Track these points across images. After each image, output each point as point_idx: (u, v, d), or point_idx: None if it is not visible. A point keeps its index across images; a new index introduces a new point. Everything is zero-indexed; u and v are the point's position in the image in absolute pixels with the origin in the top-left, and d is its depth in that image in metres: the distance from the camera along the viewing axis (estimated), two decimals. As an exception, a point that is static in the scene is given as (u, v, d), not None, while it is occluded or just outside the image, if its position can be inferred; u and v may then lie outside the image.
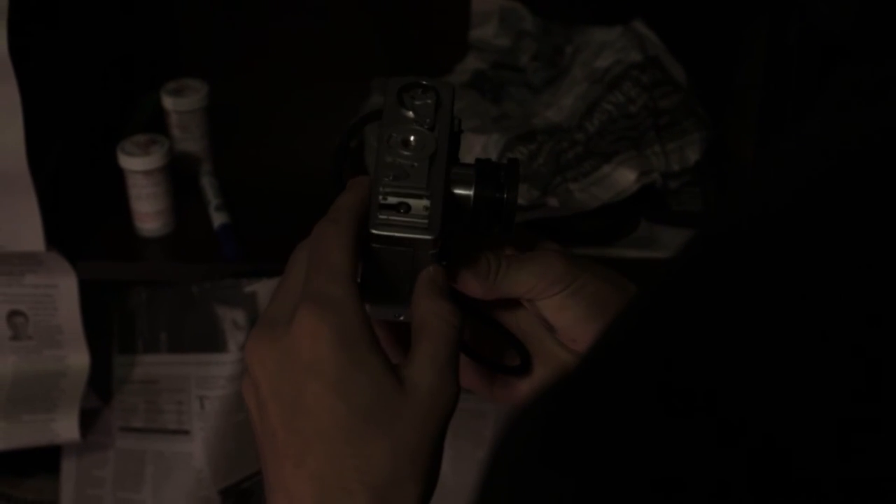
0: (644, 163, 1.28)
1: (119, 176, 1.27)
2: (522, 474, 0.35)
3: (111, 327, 1.40)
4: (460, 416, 1.44)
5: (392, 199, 0.64)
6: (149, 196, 1.27)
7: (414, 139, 0.66)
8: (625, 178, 1.27)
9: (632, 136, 1.30)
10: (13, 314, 1.32)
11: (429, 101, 0.67)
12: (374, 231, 0.64)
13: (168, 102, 1.35)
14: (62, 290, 1.29)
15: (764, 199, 0.37)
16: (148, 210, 1.28)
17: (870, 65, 0.40)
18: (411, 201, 0.64)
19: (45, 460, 1.49)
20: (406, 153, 0.65)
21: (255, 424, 0.62)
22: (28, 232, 1.19)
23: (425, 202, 0.64)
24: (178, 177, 1.31)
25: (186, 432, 1.39)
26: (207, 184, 1.34)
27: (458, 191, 0.67)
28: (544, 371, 0.72)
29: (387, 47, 1.54)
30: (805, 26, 1.16)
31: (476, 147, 1.32)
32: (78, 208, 1.30)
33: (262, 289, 1.30)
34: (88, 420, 1.39)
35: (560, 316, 0.68)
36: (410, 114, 0.67)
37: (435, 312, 0.62)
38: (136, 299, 1.39)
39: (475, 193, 0.66)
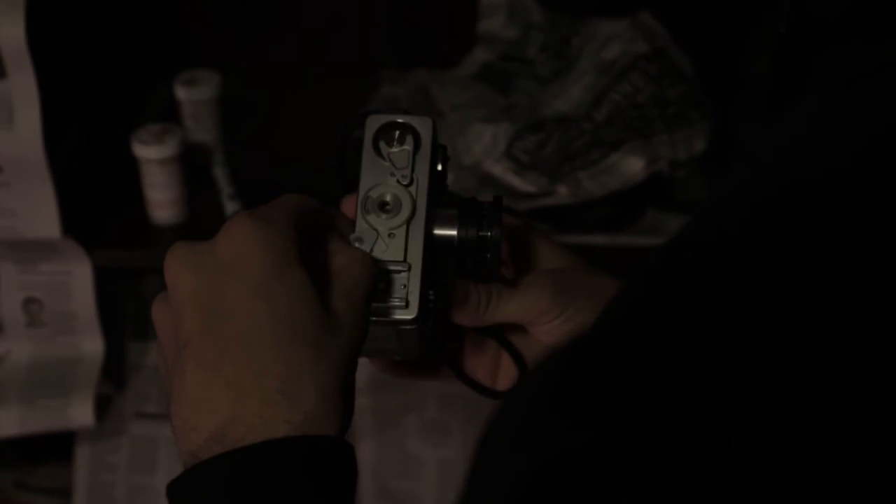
0: (652, 151, 1.30)
1: (133, 165, 1.29)
2: (530, 425, 0.36)
3: (125, 314, 1.42)
4: (470, 401, 1.46)
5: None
6: (163, 184, 1.28)
7: (391, 199, 0.65)
8: (633, 166, 1.29)
9: (639, 125, 1.32)
10: (29, 301, 1.34)
11: (406, 148, 0.65)
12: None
13: (181, 93, 1.36)
14: (77, 278, 1.31)
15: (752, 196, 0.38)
16: (162, 198, 1.29)
17: (859, 46, 0.41)
18: (392, 276, 0.63)
19: (58, 447, 1.51)
20: (384, 218, 0.64)
21: (162, 340, 0.58)
22: (44, 219, 1.21)
23: (403, 278, 0.63)
24: (191, 166, 1.33)
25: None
26: (220, 173, 1.36)
27: (441, 232, 0.66)
28: None
29: (396, 39, 1.55)
30: (800, 14, 1.17)
31: (485, 137, 1.34)
32: (93, 197, 1.32)
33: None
34: (102, 406, 1.40)
35: (554, 341, 0.69)
36: (387, 164, 0.65)
37: (351, 254, 0.61)
38: (149, 287, 1.41)
39: (458, 235, 0.66)
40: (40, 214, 1.21)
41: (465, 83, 1.46)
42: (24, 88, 1.13)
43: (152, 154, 1.27)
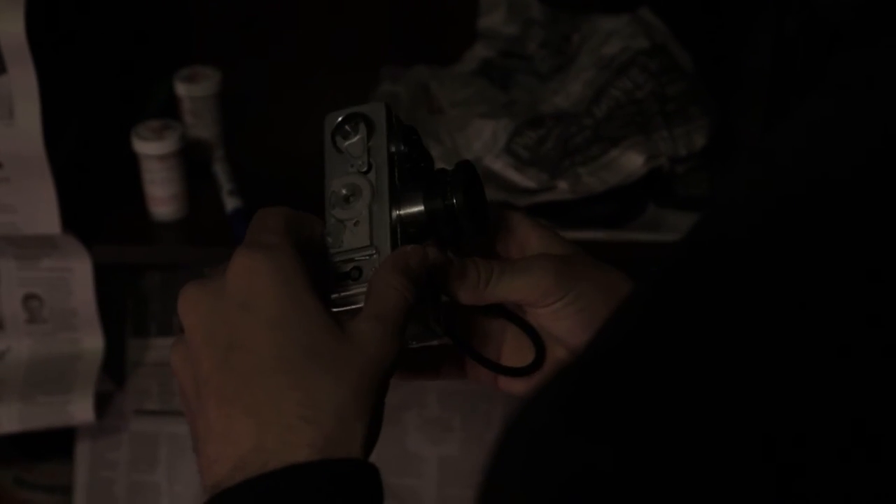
0: (652, 147, 1.30)
1: (133, 161, 1.29)
2: (544, 444, 0.35)
3: (125, 311, 1.42)
4: (470, 397, 1.46)
5: (344, 267, 0.64)
6: (163, 180, 1.28)
7: (351, 189, 0.65)
8: (633, 161, 1.29)
9: (639, 121, 1.32)
10: (29, 297, 1.34)
11: (359, 136, 0.66)
12: (335, 310, 0.61)
13: (181, 89, 1.36)
14: (77, 274, 1.31)
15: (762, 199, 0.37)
16: (162, 194, 1.29)
17: (867, 49, 0.40)
18: (362, 263, 0.63)
19: (58, 445, 1.50)
20: (347, 209, 0.64)
21: (183, 383, 0.58)
22: (44, 214, 1.21)
23: (374, 262, 0.63)
24: (191, 163, 1.33)
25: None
26: (220, 169, 1.36)
27: (408, 210, 0.65)
28: (547, 369, 0.70)
29: (396, 36, 1.55)
30: (808, 13, 1.17)
31: (485, 132, 1.34)
32: (93, 193, 1.32)
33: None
34: (102, 403, 1.40)
35: (555, 325, 0.68)
36: (345, 156, 0.66)
37: (387, 282, 0.61)
38: (149, 283, 1.41)
39: (424, 209, 0.65)
40: (40, 210, 1.21)
41: (465, 79, 1.46)
42: (24, 83, 1.13)
43: (152, 150, 1.27)
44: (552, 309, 0.67)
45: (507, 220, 0.70)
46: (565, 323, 0.67)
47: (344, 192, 0.65)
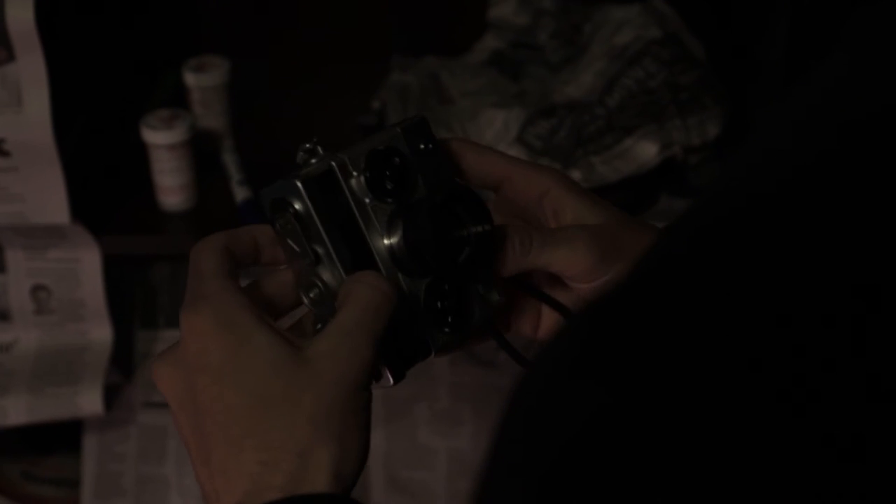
0: (665, 136, 1.29)
1: (142, 151, 1.28)
2: (553, 386, 0.35)
3: (133, 302, 1.41)
4: (480, 389, 1.45)
5: None
6: (172, 170, 1.28)
7: (314, 293, 0.62)
8: (646, 151, 1.28)
9: (652, 110, 1.31)
10: (37, 288, 1.33)
11: (292, 227, 0.61)
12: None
13: (190, 79, 1.35)
14: (85, 265, 1.30)
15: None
16: (171, 184, 1.28)
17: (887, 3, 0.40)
18: None
19: (65, 438, 1.50)
20: (321, 308, 0.62)
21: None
22: (53, 204, 1.20)
23: None
24: (200, 153, 1.32)
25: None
26: (229, 159, 1.35)
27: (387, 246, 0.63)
28: None
29: (406, 27, 1.55)
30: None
31: (497, 122, 1.33)
32: (102, 182, 1.31)
33: (284, 263, 1.31)
34: (110, 396, 1.40)
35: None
36: (291, 243, 0.62)
37: (355, 278, 0.60)
38: (158, 275, 1.40)
39: (390, 250, 0.63)
40: (49, 199, 1.20)
41: (475, 70, 1.45)
42: (33, 71, 1.12)
43: (161, 139, 1.26)
44: (594, 285, 0.64)
45: (542, 181, 0.67)
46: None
47: (311, 295, 0.62)
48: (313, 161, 0.63)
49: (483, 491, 0.36)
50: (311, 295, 0.62)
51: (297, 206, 0.61)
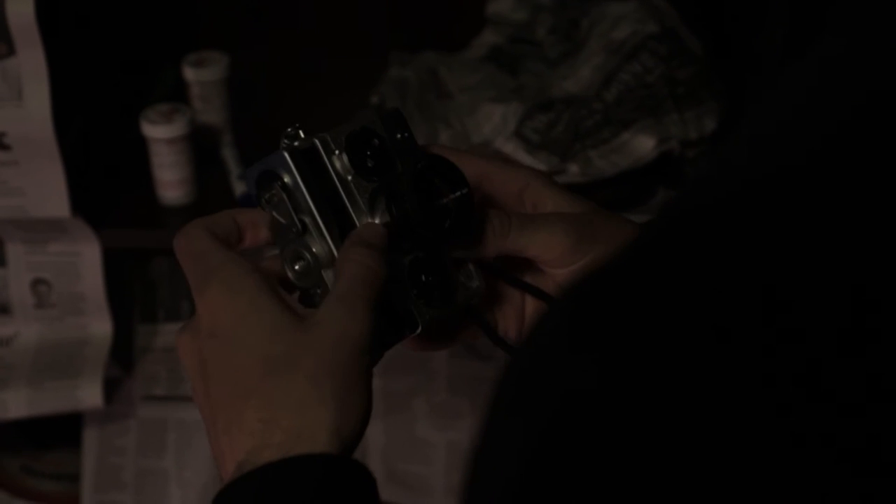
0: (662, 130, 1.29)
1: (142, 146, 1.29)
2: (546, 356, 0.36)
3: (133, 297, 1.41)
4: (479, 383, 1.45)
5: None
6: (171, 164, 1.28)
7: (300, 264, 0.64)
8: (644, 144, 1.28)
9: (649, 105, 1.32)
10: (37, 282, 1.34)
11: (279, 198, 0.63)
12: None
13: (189, 74, 1.36)
14: (85, 259, 1.31)
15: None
16: (170, 178, 1.29)
17: None
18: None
19: (65, 433, 1.50)
20: (307, 279, 0.64)
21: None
22: (53, 197, 1.21)
23: None
24: (200, 147, 1.32)
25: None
26: (229, 154, 1.36)
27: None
28: None
29: (404, 21, 1.55)
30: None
31: (495, 116, 1.33)
32: (102, 177, 1.31)
33: (284, 257, 1.32)
34: (110, 389, 1.40)
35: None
36: (278, 216, 0.64)
37: (347, 255, 0.62)
38: (158, 269, 1.40)
39: (381, 223, 0.65)
40: (49, 193, 1.21)
41: (473, 65, 1.46)
42: (34, 65, 1.13)
43: (161, 133, 1.27)
44: (570, 270, 0.66)
45: (520, 177, 0.69)
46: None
47: (296, 267, 0.64)
48: (296, 143, 0.65)
49: (474, 466, 0.36)
50: (297, 267, 0.64)
51: (285, 177, 0.63)
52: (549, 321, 0.38)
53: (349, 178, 0.65)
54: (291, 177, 0.63)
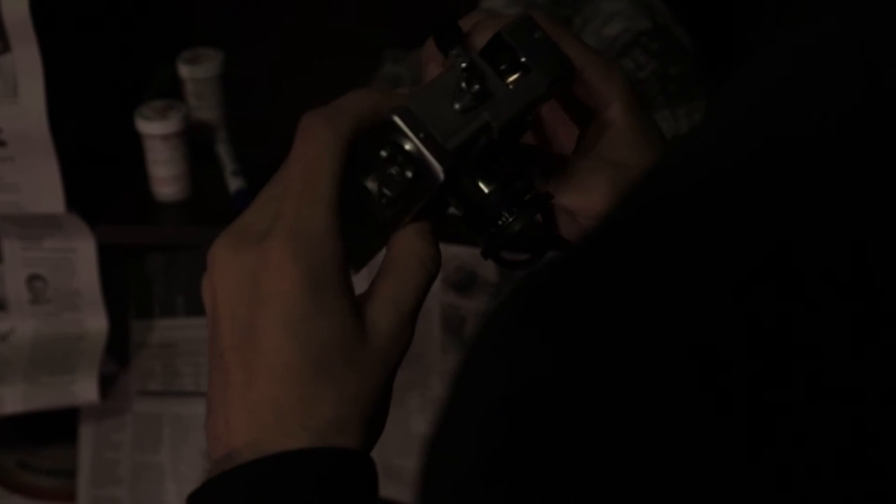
0: (654, 126, 1.30)
1: (137, 142, 1.29)
2: (506, 337, 0.36)
3: (128, 292, 1.42)
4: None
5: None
6: (166, 161, 1.29)
7: (392, 188, 0.57)
8: (635, 140, 1.29)
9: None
10: (33, 278, 1.34)
11: (398, 179, 0.56)
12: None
13: (184, 71, 1.36)
14: (81, 254, 1.31)
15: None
16: (165, 174, 1.29)
17: None
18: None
19: (62, 429, 1.51)
20: (386, 193, 0.57)
21: (209, 331, 0.58)
22: (48, 193, 1.21)
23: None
24: (195, 144, 1.33)
25: (204, 394, 1.41)
26: (223, 150, 1.36)
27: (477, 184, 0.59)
28: None
29: (399, 18, 1.56)
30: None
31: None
32: (97, 173, 1.32)
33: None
34: (106, 385, 1.41)
35: None
36: (392, 168, 0.57)
37: (412, 248, 0.58)
38: (153, 264, 1.41)
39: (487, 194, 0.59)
40: (44, 189, 1.21)
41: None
42: (29, 62, 1.14)
43: (156, 130, 1.27)
44: None
45: (613, 92, 0.63)
46: None
47: (385, 190, 0.57)
48: (458, 107, 0.57)
49: (431, 454, 0.36)
50: (386, 190, 0.57)
51: (424, 183, 0.56)
52: (509, 309, 0.38)
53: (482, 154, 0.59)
54: (428, 188, 0.56)
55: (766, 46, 0.40)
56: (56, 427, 1.51)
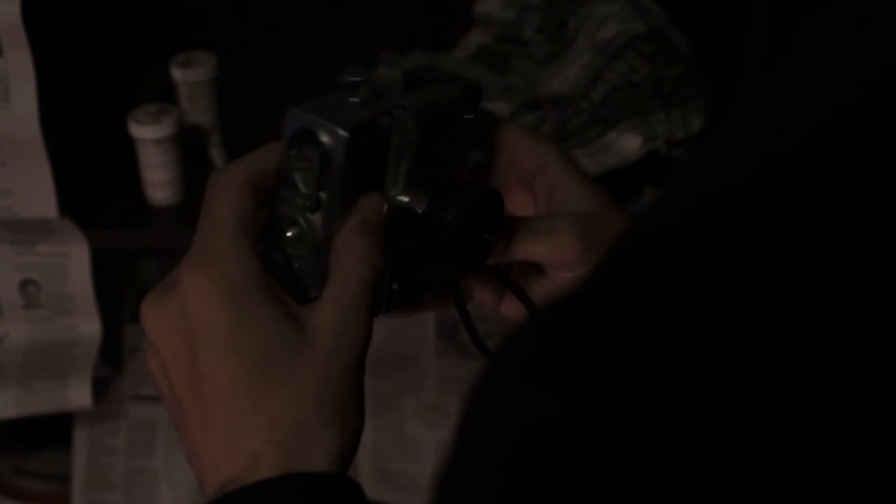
0: (649, 129, 1.30)
1: (130, 146, 1.29)
2: (510, 390, 0.35)
3: (122, 297, 1.41)
4: (468, 382, 1.46)
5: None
6: (159, 165, 1.28)
7: (295, 232, 0.59)
8: (630, 144, 1.29)
9: (636, 104, 1.32)
10: (26, 283, 1.34)
11: (310, 167, 0.57)
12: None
13: (177, 74, 1.36)
14: (74, 259, 1.31)
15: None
16: (158, 179, 1.29)
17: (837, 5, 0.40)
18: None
19: (56, 433, 1.51)
20: (292, 246, 0.59)
21: (163, 393, 0.59)
22: (41, 198, 1.21)
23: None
24: (188, 148, 1.32)
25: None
26: (217, 154, 1.36)
27: (401, 203, 0.61)
28: None
29: (392, 22, 1.55)
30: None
31: (482, 116, 1.34)
32: (90, 177, 1.32)
33: (272, 257, 1.32)
34: (100, 389, 1.40)
35: None
36: (297, 179, 0.58)
37: (348, 247, 0.58)
38: (146, 269, 1.41)
39: (421, 213, 0.61)
40: (36, 194, 1.21)
41: (461, 65, 1.46)
42: (21, 66, 1.13)
43: (149, 134, 1.27)
44: (575, 275, 0.64)
45: (542, 154, 0.66)
46: None
47: (289, 234, 0.59)
48: (355, 99, 0.59)
49: (440, 491, 0.36)
50: (290, 234, 0.59)
51: (334, 155, 0.57)
52: (519, 346, 0.37)
53: (403, 161, 0.60)
54: (340, 159, 0.57)
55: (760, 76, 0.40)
56: (50, 432, 1.51)
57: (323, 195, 0.58)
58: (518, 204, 0.68)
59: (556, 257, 0.64)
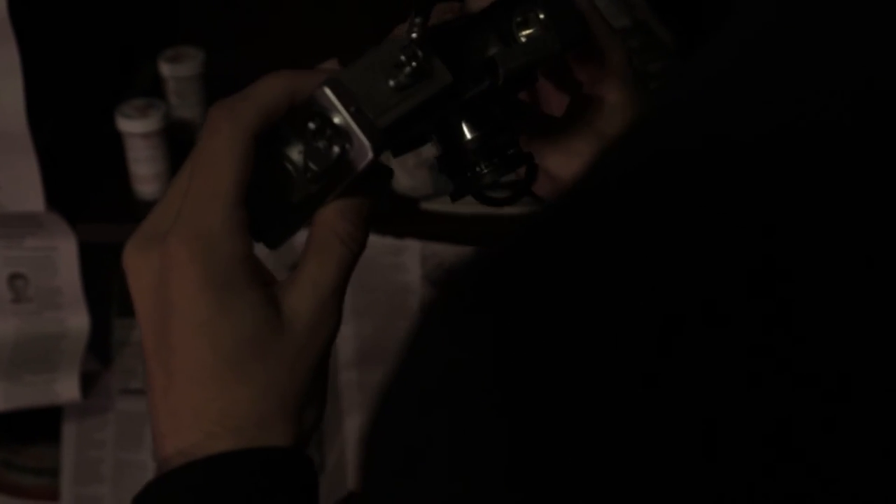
0: (633, 123, 1.30)
1: (118, 140, 1.30)
2: (449, 320, 0.35)
3: (110, 291, 1.42)
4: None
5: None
6: (147, 159, 1.29)
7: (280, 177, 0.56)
8: (614, 137, 1.29)
9: (621, 98, 1.33)
10: (14, 277, 1.34)
11: (333, 143, 0.55)
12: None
13: (165, 69, 1.37)
14: (62, 253, 1.31)
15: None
16: (146, 173, 1.30)
17: None
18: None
19: (45, 428, 1.51)
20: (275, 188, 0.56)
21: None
22: (28, 192, 1.21)
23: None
24: (176, 143, 1.33)
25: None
26: (204, 149, 1.36)
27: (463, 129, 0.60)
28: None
29: (384, 19, 1.56)
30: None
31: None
32: (77, 171, 1.32)
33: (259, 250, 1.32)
34: (88, 383, 1.41)
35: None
36: (316, 143, 0.55)
37: (333, 228, 0.56)
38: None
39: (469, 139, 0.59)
40: (24, 188, 1.21)
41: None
42: (7, 60, 1.14)
43: (136, 128, 1.27)
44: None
45: (612, 56, 0.64)
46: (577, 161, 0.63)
47: (311, 164, 0.55)
48: (396, 81, 0.56)
49: (380, 402, 0.36)
50: (278, 177, 0.56)
51: (355, 163, 0.55)
52: (442, 301, 0.37)
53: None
54: (360, 166, 0.54)
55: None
56: (39, 426, 1.51)
57: (326, 178, 0.56)
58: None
59: (565, 172, 0.62)
